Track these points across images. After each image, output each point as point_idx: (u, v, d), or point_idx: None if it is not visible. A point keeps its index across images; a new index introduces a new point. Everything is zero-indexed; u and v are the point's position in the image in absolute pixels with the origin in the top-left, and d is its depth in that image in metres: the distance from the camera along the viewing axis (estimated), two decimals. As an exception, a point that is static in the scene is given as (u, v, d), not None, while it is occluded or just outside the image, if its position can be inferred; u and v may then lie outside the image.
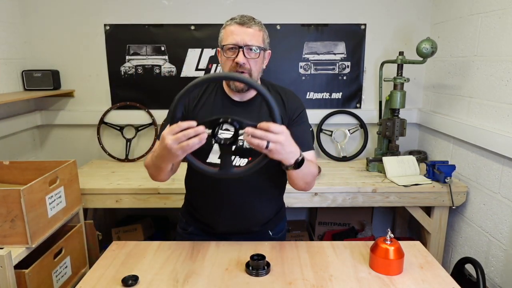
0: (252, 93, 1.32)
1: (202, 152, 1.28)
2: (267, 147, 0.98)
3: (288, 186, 2.02)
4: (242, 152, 1.29)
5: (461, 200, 2.02)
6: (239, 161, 1.30)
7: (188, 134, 0.97)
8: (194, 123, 0.98)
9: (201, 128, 0.97)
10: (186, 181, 1.48)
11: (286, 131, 1.01)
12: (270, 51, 1.35)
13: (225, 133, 1.05)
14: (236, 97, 1.32)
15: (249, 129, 0.98)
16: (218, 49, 1.32)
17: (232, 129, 1.00)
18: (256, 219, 1.41)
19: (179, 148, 0.98)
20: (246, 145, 1.28)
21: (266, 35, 1.30)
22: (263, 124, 0.98)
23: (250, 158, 1.30)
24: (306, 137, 1.36)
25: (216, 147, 1.29)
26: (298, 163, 1.09)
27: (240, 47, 1.22)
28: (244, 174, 1.05)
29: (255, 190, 1.35)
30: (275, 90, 1.38)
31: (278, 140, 0.98)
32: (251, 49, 1.24)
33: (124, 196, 2.03)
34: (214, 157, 1.30)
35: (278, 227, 1.48)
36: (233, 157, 1.28)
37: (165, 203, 2.04)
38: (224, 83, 1.34)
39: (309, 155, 1.30)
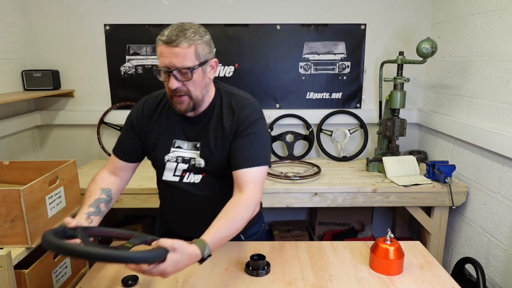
0: (204, 106, 1.24)
1: (159, 168, 1.30)
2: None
3: (287, 186, 2.03)
4: (196, 169, 1.26)
5: (461, 200, 2.02)
6: (194, 178, 1.27)
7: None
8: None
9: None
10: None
11: (163, 266, 0.91)
12: (214, 59, 1.21)
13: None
14: (190, 113, 1.24)
15: (132, 266, 0.91)
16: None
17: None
18: None
19: None
20: (197, 164, 1.25)
21: (202, 46, 1.14)
22: (144, 267, 0.91)
23: (204, 174, 1.26)
24: (252, 151, 1.19)
25: (169, 165, 1.26)
26: (205, 258, 0.99)
27: (170, 71, 1.12)
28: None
29: (213, 203, 1.18)
30: (228, 99, 1.26)
31: (162, 273, 0.92)
32: (182, 72, 1.12)
33: (124, 196, 2.02)
34: (169, 174, 1.28)
35: (249, 231, 1.42)
36: (187, 173, 1.27)
37: (165, 203, 2.04)
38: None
39: (250, 173, 1.15)
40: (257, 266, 1.19)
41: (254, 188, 1.15)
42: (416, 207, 2.06)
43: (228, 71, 2.47)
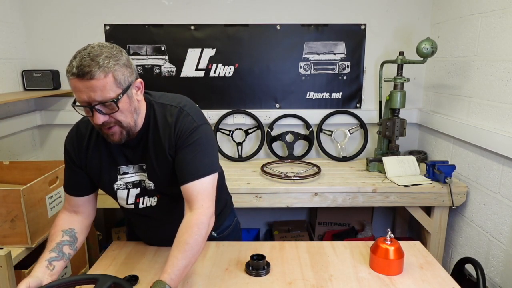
0: (138, 127, 1.12)
1: (112, 196, 1.23)
2: None
3: (287, 186, 2.03)
4: (149, 192, 1.21)
5: (461, 200, 2.02)
6: (149, 201, 1.22)
7: None
8: None
9: None
10: None
11: None
12: (138, 80, 1.07)
13: None
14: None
15: None
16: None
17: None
18: None
19: None
20: (148, 186, 1.19)
21: (121, 71, 0.99)
22: None
23: (158, 196, 1.21)
24: (194, 163, 1.10)
25: (120, 193, 1.20)
26: None
27: (91, 106, 0.98)
28: None
29: (176, 221, 1.11)
30: (162, 113, 1.14)
31: None
32: (105, 105, 0.99)
33: (124, 196, 2.02)
34: (123, 202, 1.23)
35: (221, 227, 1.41)
36: (141, 198, 1.21)
37: (165, 203, 2.04)
38: None
39: (196, 186, 1.08)
40: (257, 266, 1.19)
41: (203, 203, 1.08)
42: (416, 207, 2.06)
43: (228, 71, 2.47)
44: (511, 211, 1.70)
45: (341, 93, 2.53)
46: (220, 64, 2.46)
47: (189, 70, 2.47)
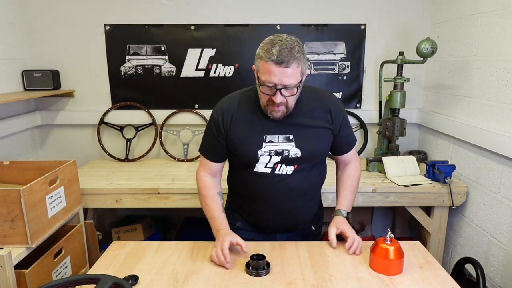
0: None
1: (249, 163, 1.36)
2: None
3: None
4: (288, 160, 1.34)
5: (461, 200, 2.02)
6: (286, 169, 1.35)
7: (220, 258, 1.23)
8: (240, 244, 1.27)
9: (228, 258, 1.22)
10: (230, 183, 1.53)
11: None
12: (308, 71, 1.31)
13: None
14: None
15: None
16: (254, 68, 1.27)
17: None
18: (302, 219, 1.48)
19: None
20: (292, 154, 1.33)
21: (305, 63, 1.24)
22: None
23: (296, 166, 1.35)
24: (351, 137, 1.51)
25: (262, 159, 1.34)
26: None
27: (278, 88, 1.20)
28: None
29: (301, 194, 1.41)
30: (313, 93, 1.39)
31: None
32: (288, 88, 1.21)
33: (124, 196, 2.03)
34: (261, 167, 1.35)
35: (319, 222, 1.59)
36: (279, 165, 1.35)
37: (165, 203, 2.04)
38: (262, 105, 1.31)
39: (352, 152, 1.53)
40: (257, 266, 1.19)
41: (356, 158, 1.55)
42: (416, 207, 2.06)
43: (228, 71, 2.47)
44: (511, 211, 1.70)
45: (341, 93, 2.53)
46: (220, 64, 2.46)
47: (189, 70, 2.47)
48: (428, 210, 2.10)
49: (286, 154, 1.33)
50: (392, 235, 1.20)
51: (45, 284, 0.97)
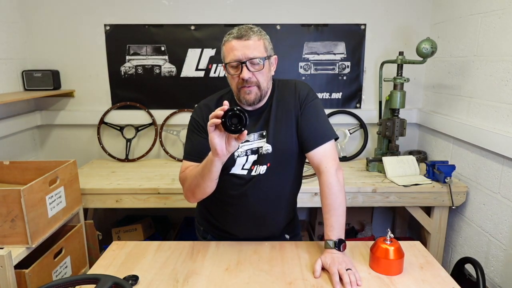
0: (262, 101, 1.31)
1: (226, 165, 1.26)
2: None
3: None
4: (262, 158, 1.31)
5: (461, 200, 2.02)
6: (260, 169, 1.31)
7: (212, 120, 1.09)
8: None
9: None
10: None
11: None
12: (275, 56, 1.33)
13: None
14: (249, 108, 1.30)
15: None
16: (223, 65, 1.29)
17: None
18: (275, 227, 1.43)
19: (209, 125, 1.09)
20: (263, 151, 1.30)
21: (268, 41, 1.27)
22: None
23: (269, 164, 1.31)
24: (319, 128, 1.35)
25: (239, 160, 1.30)
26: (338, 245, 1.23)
27: (243, 62, 1.20)
28: None
29: (276, 198, 1.36)
30: (285, 86, 1.36)
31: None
32: (254, 62, 1.22)
33: (124, 196, 2.03)
34: (237, 169, 1.32)
35: (295, 230, 1.52)
36: (255, 166, 1.31)
37: (165, 203, 2.04)
38: (235, 95, 1.30)
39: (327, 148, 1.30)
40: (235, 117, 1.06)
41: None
42: (416, 207, 2.06)
43: (228, 71, 2.46)
44: (511, 211, 1.70)
45: (341, 93, 2.53)
46: (220, 64, 2.46)
47: (189, 70, 2.47)
48: (428, 210, 2.10)
49: (260, 151, 1.30)
50: (392, 235, 1.20)
51: (45, 284, 0.97)
